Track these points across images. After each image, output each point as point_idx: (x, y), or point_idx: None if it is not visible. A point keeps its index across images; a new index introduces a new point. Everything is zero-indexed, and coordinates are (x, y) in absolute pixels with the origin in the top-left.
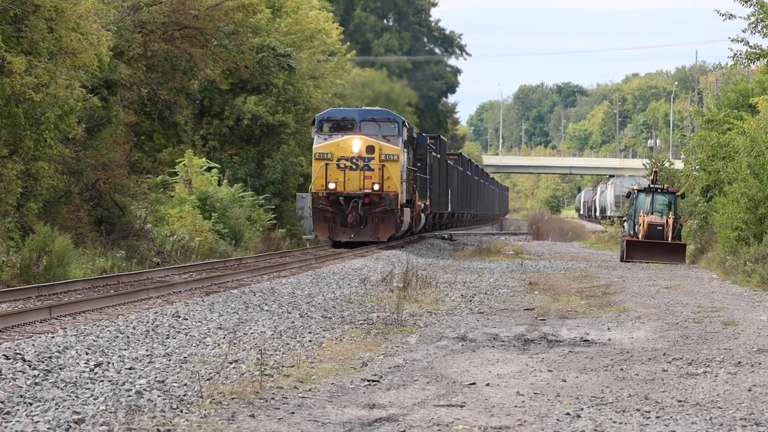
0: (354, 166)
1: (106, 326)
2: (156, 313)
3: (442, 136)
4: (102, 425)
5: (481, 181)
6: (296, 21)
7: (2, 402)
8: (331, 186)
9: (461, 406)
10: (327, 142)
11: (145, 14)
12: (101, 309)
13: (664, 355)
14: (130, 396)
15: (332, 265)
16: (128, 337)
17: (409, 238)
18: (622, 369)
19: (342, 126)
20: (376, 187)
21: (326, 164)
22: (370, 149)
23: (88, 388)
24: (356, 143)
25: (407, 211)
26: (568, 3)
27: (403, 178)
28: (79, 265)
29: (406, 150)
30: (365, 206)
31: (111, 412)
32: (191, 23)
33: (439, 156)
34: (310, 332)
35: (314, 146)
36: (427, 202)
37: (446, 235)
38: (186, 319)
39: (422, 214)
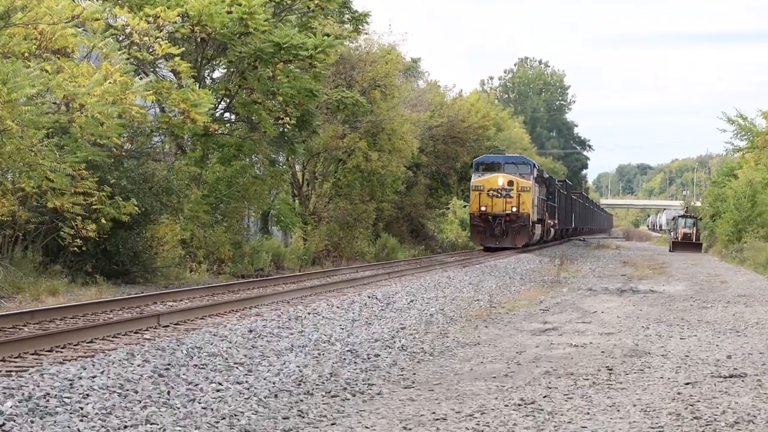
0: (499, 195)
1: (415, 282)
2: (439, 276)
3: (567, 180)
4: (413, 329)
5: (594, 209)
6: (507, 134)
7: (368, 317)
8: (483, 209)
9: (589, 323)
10: (480, 178)
11: (434, 131)
12: (413, 274)
13: (691, 297)
14: (426, 316)
15: (524, 254)
16: (426, 288)
17: (560, 240)
18: (669, 305)
19: (491, 167)
20: (514, 209)
21: (479, 193)
22: (510, 183)
23: (407, 312)
24: (500, 179)
25: (538, 226)
26: (643, 120)
27: (534, 203)
28: (402, 253)
29: (537, 184)
30: (506, 223)
31: (418, 324)
32: (456, 135)
33: (565, 192)
34: (514, 286)
35: (472, 181)
36: (556, 221)
37: (582, 238)
38: (453, 279)
39: (551, 229)
